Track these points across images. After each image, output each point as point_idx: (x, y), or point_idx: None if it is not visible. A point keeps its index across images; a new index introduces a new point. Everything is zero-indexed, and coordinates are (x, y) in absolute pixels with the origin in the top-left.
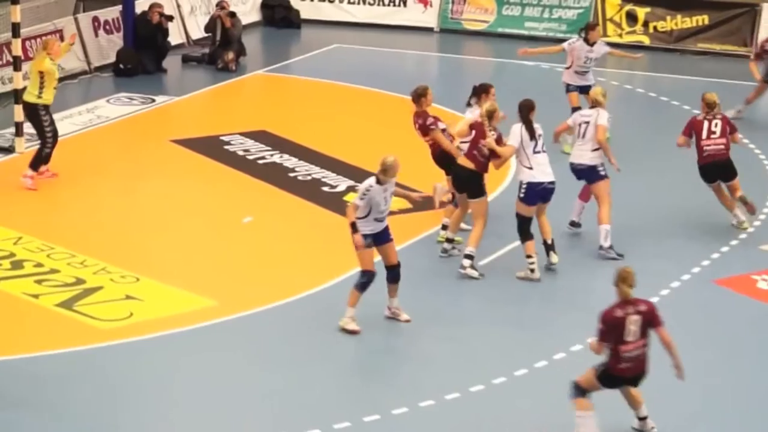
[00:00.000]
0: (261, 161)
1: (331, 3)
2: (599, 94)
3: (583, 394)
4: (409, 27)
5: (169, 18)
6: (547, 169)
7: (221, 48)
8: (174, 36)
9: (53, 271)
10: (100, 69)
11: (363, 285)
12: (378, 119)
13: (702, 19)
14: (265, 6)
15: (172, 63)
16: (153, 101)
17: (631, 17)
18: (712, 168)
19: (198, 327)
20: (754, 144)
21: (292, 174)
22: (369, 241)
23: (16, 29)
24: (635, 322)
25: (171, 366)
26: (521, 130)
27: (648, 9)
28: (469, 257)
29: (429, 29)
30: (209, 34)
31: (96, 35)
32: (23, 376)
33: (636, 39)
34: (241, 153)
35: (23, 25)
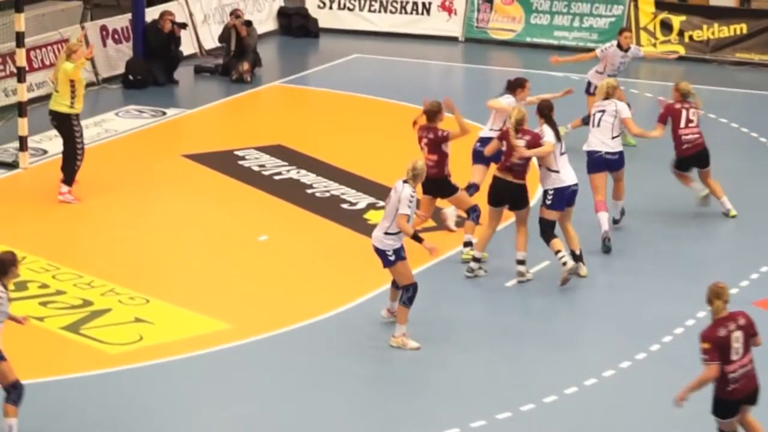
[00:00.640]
0: (277, 177)
1: (351, 11)
2: (612, 85)
3: None
4: (433, 36)
5: (182, 26)
6: (572, 171)
7: (236, 58)
8: (186, 46)
9: (59, 293)
10: (108, 80)
11: (411, 299)
12: (400, 133)
13: (740, 28)
14: (282, 14)
15: (184, 74)
16: (164, 114)
17: (666, 26)
18: (692, 158)
19: (211, 351)
20: None
21: (309, 190)
22: (404, 253)
23: (20, 38)
24: (738, 338)
25: (183, 393)
26: (551, 131)
27: (683, 17)
28: (523, 263)
29: (453, 39)
30: (223, 44)
31: (104, 45)
32: (27, 402)
33: (670, 49)
34: (257, 168)
35: (27, 35)
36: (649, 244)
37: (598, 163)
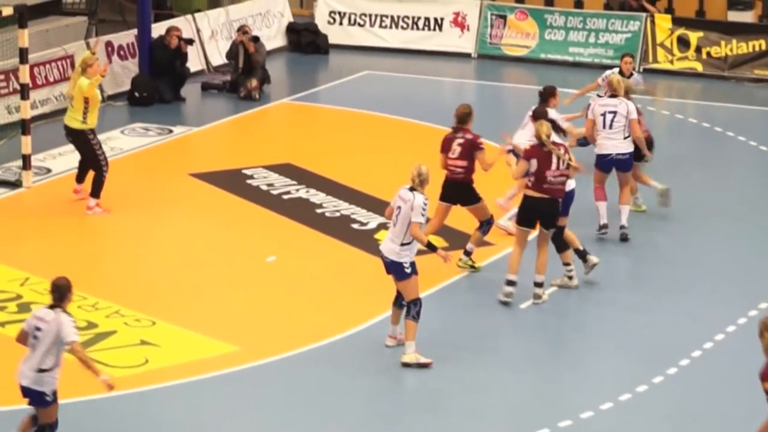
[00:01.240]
0: (286, 196)
1: (362, 27)
2: (619, 82)
3: None
4: (445, 52)
5: (189, 42)
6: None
7: (244, 75)
8: (193, 62)
9: None
10: (113, 97)
11: (419, 313)
12: (412, 151)
13: (759, 45)
14: (291, 30)
15: (191, 91)
16: (171, 132)
17: (683, 42)
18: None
19: (219, 374)
20: None
21: (319, 210)
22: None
23: (23, 55)
24: None
25: (188, 417)
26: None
27: (701, 33)
28: (541, 285)
29: (466, 55)
30: (231, 60)
31: (109, 61)
32: None
33: (688, 65)
34: (265, 188)
35: (31, 51)
36: (663, 263)
37: (608, 165)
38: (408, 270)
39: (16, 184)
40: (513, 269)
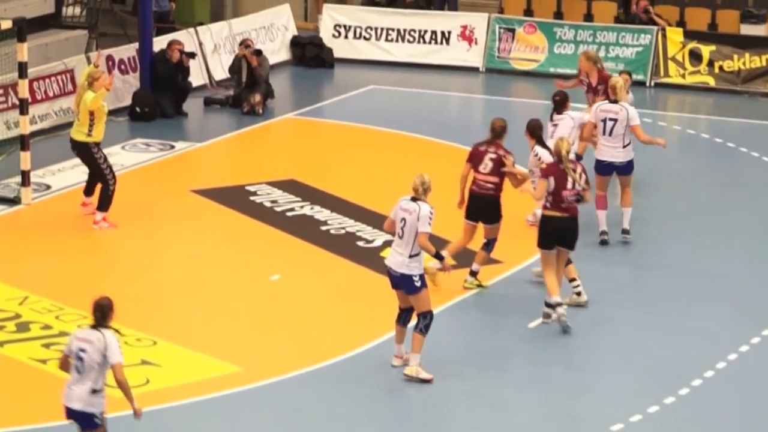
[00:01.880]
0: (290, 213)
1: (368, 41)
2: (621, 86)
3: None
4: (453, 66)
5: (191, 55)
6: None
7: (247, 90)
8: (195, 77)
9: (62, 334)
10: (114, 113)
11: (429, 326)
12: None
13: None
14: (296, 44)
15: (193, 106)
16: (172, 148)
17: (695, 56)
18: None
19: (221, 395)
20: None
21: (324, 227)
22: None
23: (23, 69)
24: None
25: None
26: (548, 155)
27: (713, 47)
28: (553, 306)
29: (474, 69)
30: (234, 75)
31: (109, 74)
32: None
33: (700, 80)
34: (269, 204)
35: (30, 65)
36: (675, 280)
37: (608, 169)
38: (418, 283)
39: (15, 200)
40: (555, 291)
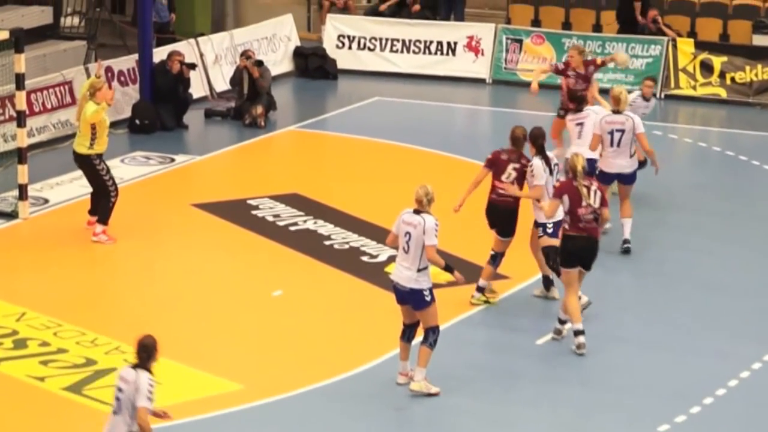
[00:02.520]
0: (293, 228)
1: (372, 51)
2: (624, 97)
3: None
4: (459, 78)
5: (191, 66)
6: None
7: (249, 101)
8: (196, 88)
9: (60, 351)
10: (113, 125)
11: (436, 341)
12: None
13: None
14: (298, 55)
15: (193, 118)
16: (172, 161)
17: (706, 67)
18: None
19: (222, 414)
20: None
21: (327, 242)
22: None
23: (20, 80)
24: None
25: None
26: (543, 165)
27: (724, 58)
28: (565, 322)
29: (481, 80)
30: (235, 86)
31: (109, 87)
32: None
33: (711, 92)
34: (271, 219)
35: (28, 76)
36: (686, 296)
37: (611, 179)
38: (428, 298)
39: (12, 215)
40: (576, 318)
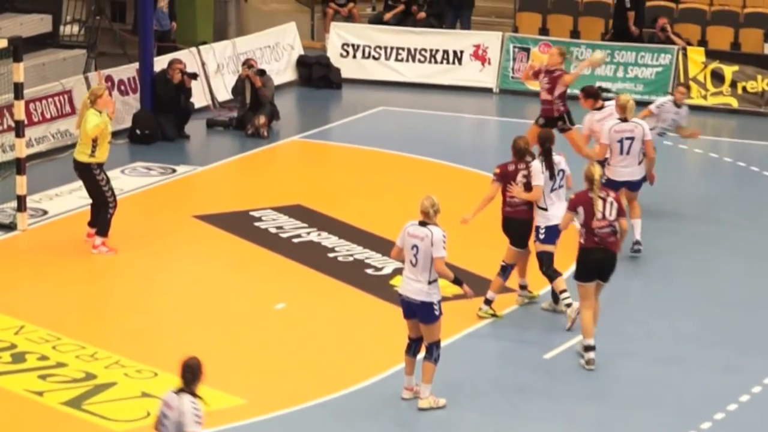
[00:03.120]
0: (296, 240)
1: (377, 60)
2: (631, 105)
3: None
4: (465, 87)
5: (193, 76)
6: (563, 207)
7: (251, 111)
8: (198, 98)
9: (60, 365)
10: (114, 135)
11: (439, 356)
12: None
13: None
14: (302, 64)
15: (195, 128)
16: (174, 171)
17: (717, 77)
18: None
19: (225, 429)
20: None
21: (331, 254)
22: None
23: (18, 90)
24: None
25: None
26: (542, 167)
27: (736, 67)
28: (593, 348)
29: (487, 90)
30: (237, 96)
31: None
32: None
33: (722, 101)
34: (274, 230)
35: (27, 85)
36: (695, 308)
37: (618, 186)
38: (437, 312)
39: (10, 226)
40: (589, 333)
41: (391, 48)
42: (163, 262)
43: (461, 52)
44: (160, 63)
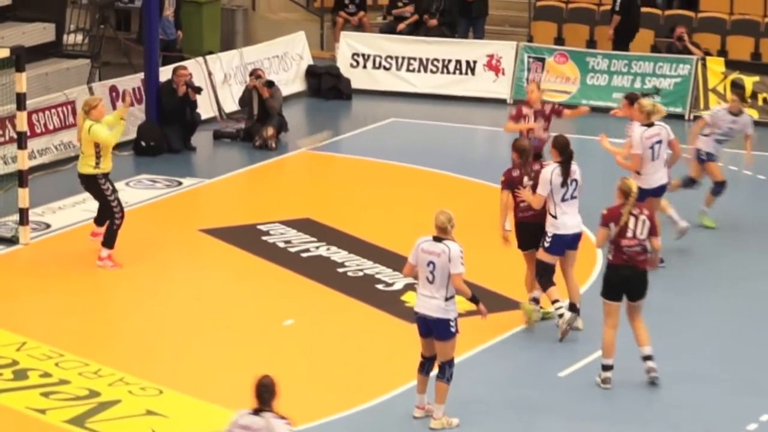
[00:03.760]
0: (305, 254)
1: (387, 71)
2: (651, 108)
3: None
4: (478, 98)
5: (197, 90)
6: (575, 219)
7: (259, 123)
8: (204, 109)
9: (63, 382)
10: (118, 147)
11: (452, 375)
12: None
13: None
14: (311, 74)
15: (202, 140)
16: (180, 184)
17: (737, 88)
18: None
19: None
20: None
21: (340, 269)
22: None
23: (21, 100)
24: None
25: None
26: (552, 174)
27: (756, 78)
28: (651, 358)
29: (501, 101)
30: (244, 107)
31: (114, 107)
32: None
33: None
34: (282, 245)
35: (29, 96)
36: (711, 324)
37: (647, 195)
38: (453, 329)
39: (12, 240)
40: (608, 353)
41: (403, 58)
42: (169, 276)
43: (474, 62)
44: (165, 73)
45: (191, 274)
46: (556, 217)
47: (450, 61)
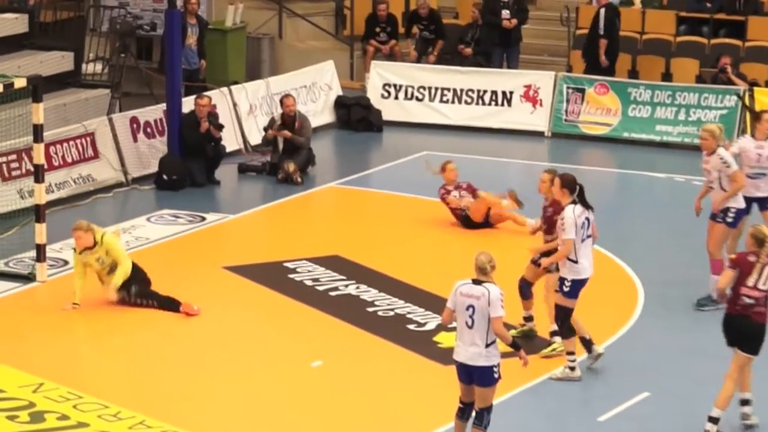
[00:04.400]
0: (333, 293)
1: (420, 102)
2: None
3: None
4: (515, 131)
5: (219, 127)
6: (591, 260)
7: (285, 155)
8: (229, 141)
9: (81, 425)
10: (138, 180)
11: (489, 422)
12: (476, 243)
13: None
14: (340, 105)
15: (226, 173)
16: (203, 220)
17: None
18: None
19: None
20: None
21: (370, 308)
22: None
23: (38, 132)
24: None
25: None
26: (575, 215)
27: None
28: (749, 403)
29: (539, 133)
30: (269, 145)
31: (135, 140)
32: None
33: None
34: (310, 283)
35: (47, 127)
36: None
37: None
38: (496, 375)
39: (29, 277)
40: (722, 402)
41: (436, 88)
42: (192, 316)
43: (511, 92)
44: (188, 104)
45: (215, 313)
46: (576, 262)
47: (485, 92)
